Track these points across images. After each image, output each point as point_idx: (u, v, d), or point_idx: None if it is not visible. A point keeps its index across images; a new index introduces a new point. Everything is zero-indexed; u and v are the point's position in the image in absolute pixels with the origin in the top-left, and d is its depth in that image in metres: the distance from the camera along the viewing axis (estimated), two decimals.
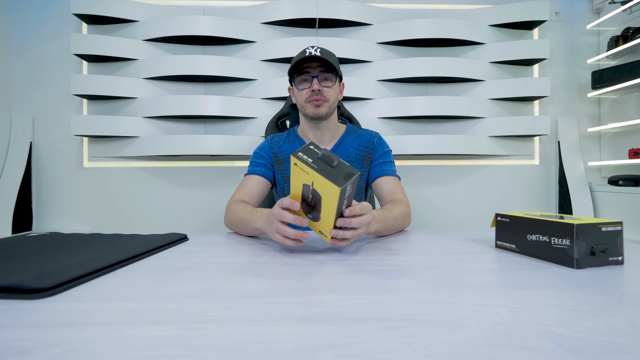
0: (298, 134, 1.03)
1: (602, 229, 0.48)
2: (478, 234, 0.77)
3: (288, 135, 1.03)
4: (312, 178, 0.54)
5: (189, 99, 1.91)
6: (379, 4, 2.11)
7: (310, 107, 0.93)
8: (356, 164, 0.98)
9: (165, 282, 0.43)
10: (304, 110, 0.95)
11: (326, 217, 0.57)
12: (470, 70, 2.03)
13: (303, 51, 0.93)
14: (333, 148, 0.99)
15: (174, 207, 2.08)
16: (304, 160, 0.54)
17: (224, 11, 2.02)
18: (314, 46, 0.93)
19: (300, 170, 0.55)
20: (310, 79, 0.92)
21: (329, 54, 0.92)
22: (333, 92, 0.94)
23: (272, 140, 1.02)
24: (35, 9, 2.04)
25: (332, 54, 0.95)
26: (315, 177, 0.53)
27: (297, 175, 0.57)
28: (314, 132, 0.99)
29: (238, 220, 0.80)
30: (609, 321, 0.31)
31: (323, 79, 0.92)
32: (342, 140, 1.01)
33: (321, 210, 0.57)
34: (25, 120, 2.02)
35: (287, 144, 1.01)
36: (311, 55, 0.89)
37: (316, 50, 0.91)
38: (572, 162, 2.15)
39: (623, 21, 2.11)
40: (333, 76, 0.93)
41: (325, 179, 0.52)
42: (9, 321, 0.31)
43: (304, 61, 0.90)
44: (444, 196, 2.18)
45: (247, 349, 0.26)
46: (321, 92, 0.92)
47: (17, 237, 0.67)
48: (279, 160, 0.99)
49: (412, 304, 0.35)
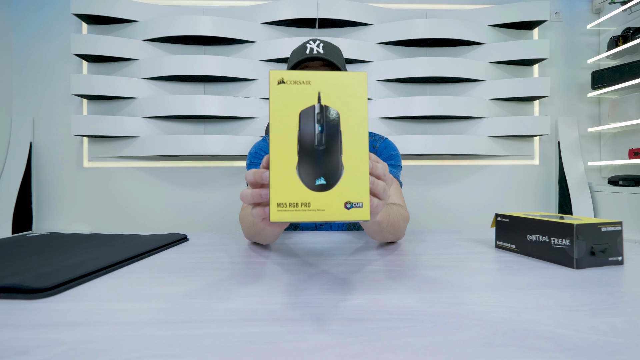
0: None
1: (602, 229, 0.48)
2: (478, 234, 0.77)
3: None
4: (317, 88, 0.34)
5: (189, 99, 1.91)
6: (379, 4, 2.11)
7: None
8: None
9: (165, 282, 0.43)
10: None
11: (353, 163, 0.34)
12: (470, 70, 2.04)
13: (303, 46, 0.80)
14: None
15: (174, 207, 2.08)
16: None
17: (224, 11, 2.02)
18: (316, 40, 0.80)
19: (291, 88, 0.33)
20: None
21: (332, 50, 0.81)
22: None
23: (267, 139, 1.01)
24: (35, 9, 2.04)
25: (337, 49, 0.83)
26: (323, 82, 0.34)
27: (283, 103, 0.33)
28: None
29: (251, 227, 0.67)
30: (609, 321, 0.31)
31: None
32: None
33: (342, 150, 0.34)
34: (25, 120, 2.02)
35: None
36: (313, 55, 0.77)
37: (318, 46, 0.79)
38: (572, 162, 2.15)
39: (623, 21, 2.11)
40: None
41: (346, 72, 0.34)
42: (9, 321, 0.31)
43: (305, 61, 0.78)
44: (443, 196, 2.18)
45: (247, 349, 0.26)
46: None
47: (17, 237, 0.67)
48: None
49: (412, 304, 0.35)
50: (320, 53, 0.78)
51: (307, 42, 0.80)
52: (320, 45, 0.79)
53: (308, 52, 0.79)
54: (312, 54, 0.78)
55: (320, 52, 0.78)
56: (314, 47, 0.79)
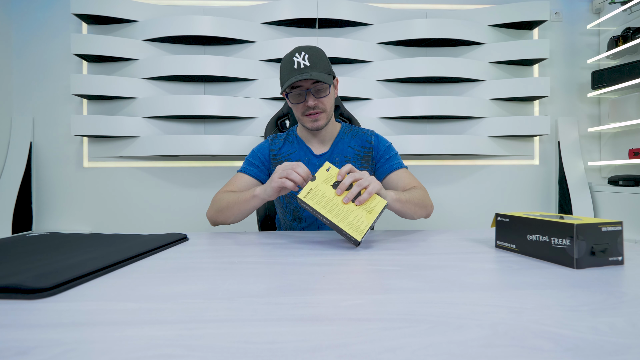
0: (297, 134, 1.02)
1: (602, 229, 0.48)
2: (478, 234, 0.77)
3: (287, 136, 1.02)
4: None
5: (189, 99, 1.91)
6: (379, 4, 2.11)
7: (308, 121, 0.91)
8: (355, 163, 0.97)
9: (165, 282, 0.43)
10: (302, 122, 0.93)
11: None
12: (470, 70, 2.03)
13: (291, 60, 0.86)
14: (330, 149, 0.98)
15: (174, 207, 2.08)
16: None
17: (224, 11, 2.02)
18: (301, 52, 0.86)
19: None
20: (304, 93, 0.88)
21: (317, 60, 0.86)
22: (328, 100, 0.91)
23: (272, 141, 1.01)
24: (35, 9, 2.04)
25: (322, 56, 0.89)
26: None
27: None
28: (312, 135, 0.98)
29: (230, 201, 0.83)
30: (609, 321, 0.31)
31: (316, 90, 0.87)
32: (338, 140, 0.99)
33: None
34: (25, 120, 2.02)
35: (287, 145, 1.00)
36: (300, 70, 0.84)
37: (304, 58, 0.85)
38: (572, 162, 2.15)
39: (623, 21, 2.11)
40: (327, 86, 0.88)
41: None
42: (9, 321, 0.31)
43: (295, 80, 0.84)
44: (444, 196, 2.18)
45: (247, 349, 0.26)
46: (317, 105, 0.88)
47: (17, 237, 0.67)
48: (278, 162, 0.97)
49: (412, 304, 0.35)
50: (307, 65, 0.85)
51: (294, 55, 0.86)
52: (306, 57, 0.85)
53: (296, 67, 0.85)
54: (300, 68, 0.85)
55: (307, 65, 0.84)
56: (300, 60, 0.85)
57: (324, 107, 0.90)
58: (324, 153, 0.98)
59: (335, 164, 0.95)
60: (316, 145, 0.99)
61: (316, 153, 0.98)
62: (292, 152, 0.99)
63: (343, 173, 0.68)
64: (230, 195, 0.84)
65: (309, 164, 0.97)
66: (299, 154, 0.98)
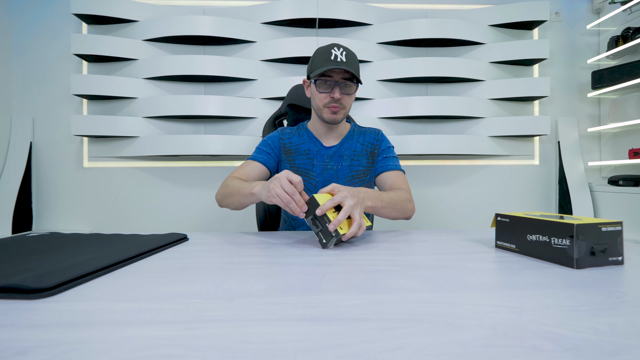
0: (308, 128, 1.04)
1: (602, 229, 0.48)
2: (478, 234, 0.77)
3: (298, 129, 1.05)
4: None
5: (189, 99, 1.91)
6: (379, 4, 2.11)
7: (327, 113, 0.93)
8: (362, 158, 1.00)
9: (165, 282, 0.42)
10: (320, 113, 0.95)
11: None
12: (470, 70, 2.03)
13: (328, 51, 0.89)
14: (340, 143, 1.01)
15: (174, 207, 2.08)
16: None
17: (224, 11, 2.02)
18: (340, 47, 0.89)
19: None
20: (332, 84, 0.90)
21: (352, 59, 0.90)
22: (351, 99, 0.95)
23: (282, 132, 1.04)
24: (35, 9, 2.04)
25: (356, 59, 0.93)
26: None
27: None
28: (324, 129, 1.01)
29: (234, 190, 0.84)
30: (609, 321, 0.31)
31: (345, 85, 0.91)
32: (348, 137, 1.02)
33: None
34: (25, 120, 2.02)
35: (296, 137, 1.03)
36: (337, 63, 0.86)
37: (342, 54, 0.88)
38: (572, 162, 2.15)
39: (623, 21, 2.11)
40: (354, 85, 0.92)
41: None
42: (9, 321, 0.31)
43: (330, 68, 0.87)
44: (444, 196, 2.18)
45: (247, 349, 0.26)
46: (340, 100, 0.91)
47: (17, 237, 0.67)
48: (287, 151, 1.01)
49: (412, 304, 0.35)
50: (343, 61, 0.87)
51: (332, 48, 0.89)
52: (344, 54, 0.88)
53: (333, 59, 0.87)
54: (337, 61, 0.86)
55: (343, 60, 0.87)
56: (338, 54, 0.87)
57: (346, 104, 0.94)
58: (333, 145, 1.01)
59: (344, 158, 1.00)
60: (326, 140, 1.02)
61: (326, 145, 1.01)
62: (302, 143, 1.02)
63: (324, 209, 0.63)
64: (236, 184, 0.86)
65: (318, 154, 1.00)
66: (308, 145, 1.01)
